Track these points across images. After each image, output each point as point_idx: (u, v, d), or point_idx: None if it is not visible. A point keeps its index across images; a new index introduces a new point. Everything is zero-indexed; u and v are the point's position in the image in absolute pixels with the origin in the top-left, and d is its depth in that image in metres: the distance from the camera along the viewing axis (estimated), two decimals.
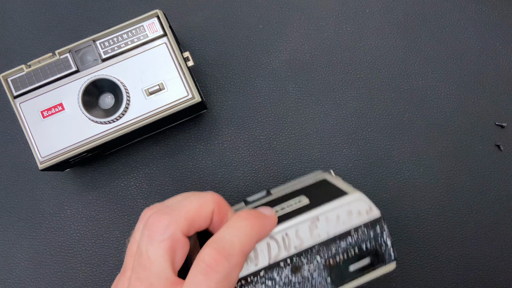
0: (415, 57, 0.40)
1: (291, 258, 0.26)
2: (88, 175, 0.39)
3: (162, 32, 0.34)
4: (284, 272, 0.26)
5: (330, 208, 0.27)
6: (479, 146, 0.38)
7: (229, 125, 0.40)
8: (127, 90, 0.34)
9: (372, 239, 0.28)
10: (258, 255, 0.25)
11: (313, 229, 0.26)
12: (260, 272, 0.25)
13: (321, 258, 0.26)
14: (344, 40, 0.40)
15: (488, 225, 0.37)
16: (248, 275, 0.24)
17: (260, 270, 0.25)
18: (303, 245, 0.26)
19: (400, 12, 0.41)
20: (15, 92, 0.34)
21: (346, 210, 0.27)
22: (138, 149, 0.40)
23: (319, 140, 0.39)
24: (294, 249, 0.26)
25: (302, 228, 0.26)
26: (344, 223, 0.27)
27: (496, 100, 0.39)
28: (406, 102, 0.39)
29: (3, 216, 0.39)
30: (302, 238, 0.26)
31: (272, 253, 0.25)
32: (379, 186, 0.38)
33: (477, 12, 0.40)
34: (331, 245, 0.27)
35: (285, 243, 0.26)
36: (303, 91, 0.40)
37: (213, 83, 0.40)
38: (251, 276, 0.24)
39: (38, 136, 0.34)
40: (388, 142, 0.39)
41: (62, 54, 0.34)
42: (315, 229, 0.26)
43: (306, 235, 0.26)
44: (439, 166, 0.38)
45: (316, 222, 0.26)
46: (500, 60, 0.40)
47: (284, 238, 0.26)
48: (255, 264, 0.25)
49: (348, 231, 0.27)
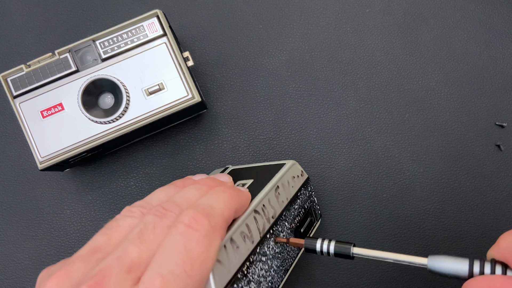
0: (415, 57, 0.40)
1: (272, 228, 0.27)
2: (88, 175, 0.39)
3: (162, 32, 0.34)
4: (270, 244, 0.27)
5: (280, 176, 0.30)
6: (479, 146, 0.38)
7: (229, 125, 0.40)
8: (127, 90, 0.34)
9: (307, 198, 0.33)
10: (251, 230, 0.25)
11: (278, 197, 0.29)
12: (257, 249, 0.26)
13: (288, 223, 0.29)
14: (344, 40, 0.40)
15: (488, 225, 0.37)
16: (249, 255, 0.25)
17: (256, 247, 0.26)
18: (276, 213, 0.28)
19: (400, 12, 0.41)
20: (15, 92, 0.34)
21: (290, 175, 0.31)
22: (138, 149, 0.39)
23: (319, 140, 0.39)
24: (272, 219, 0.28)
25: (271, 197, 0.28)
26: (293, 187, 0.31)
27: (496, 100, 0.39)
28: (406, 102, 0.39)
29: (2, 216, 0.39)
30: (274, 207, 0.28)
31: (259, 226, 0.26)
32: (379, 186, 0.38)
33: (477, 12, 0.40)
34: (290, 210, 0.30)
35: (265, 214, 0.27)
36: (303, 91, 0.40)
37: (213, 83, 0.40)
38: (251, 256, 0.25)
39: (38, 136, 0.34)
40: (388, 142, 0.39)
41: (62, 54, 0.34)
42: (279, 196, 0.29)
43: (275, 203, 0.28)
44: (439, 166, 0.38)
45: (278, 190, 0.29)
46: (500, 60, 0.40)
47: (263, 209, 0.27)
48: (251, 241, 0.25)
49: (296, 193, 0.31)
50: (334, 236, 0.37)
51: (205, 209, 0.22)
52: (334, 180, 0.38)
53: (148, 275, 0.20)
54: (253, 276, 0.25)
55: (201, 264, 0.21)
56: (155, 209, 0.24)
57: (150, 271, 0.20)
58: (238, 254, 0.24)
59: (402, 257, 0.24)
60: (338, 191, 0.38)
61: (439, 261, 0.22)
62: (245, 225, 0.25)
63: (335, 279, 0.37)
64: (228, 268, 0.23)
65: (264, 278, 0.26)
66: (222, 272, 0.22)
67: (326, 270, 0.37)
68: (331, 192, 0.38)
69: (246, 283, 0.24)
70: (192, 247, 0.21)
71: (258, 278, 0.25)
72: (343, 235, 0.37)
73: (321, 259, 0.37)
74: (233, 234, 0.24)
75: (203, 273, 0.21)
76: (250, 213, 0.26)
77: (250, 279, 0.24)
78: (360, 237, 0.37)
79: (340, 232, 0.37)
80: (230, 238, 0.24)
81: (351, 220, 0.38)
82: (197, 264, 0.20)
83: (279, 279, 0.27)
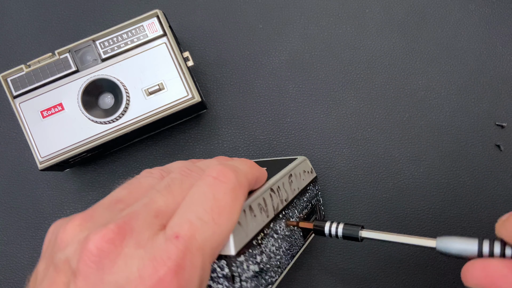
0: (415, 57, 0.40)
1: (284, 210, 0.28)
2: (88, 175, 0.39)
3: (162, 32, 0.34)
4: (282, 225, 0.28)
5: (293, 166, 0.31)
6: (479, 146, 0.38)
7: (229, 125, 0.40)
8: (126, 90, 0.34)
9: (315, 195, 0.34)
10: (267, 204, 0.26)
11: (290, 184, 0.30)
12: (270, 224, 0.26)
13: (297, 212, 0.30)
14: (344, 40, 0.40)
15: (488, 225, 0.37)
16: (264, 227, 0.25)
17: (270, 221, 0.26)
18: (289, 198, 0.29)
19: (400, 12, 0.41)
20: (15, 92, 0.34)
21: (302, 168, 0.32)
22: (138, 149, 0.39)
23: (319, 140, 0.39)
24: (285, 202, 0.28)
25: (285, 182, 0.29)
26: (303, 180, 0.32)
27: (496, 100, 0.39)
28: (406, 102, 0.39)
29: (2, 216, 0.39)
30: (287, 191, 0.29)
31: (274, 204, 0.27)
32: (379, 186, 0.38)
33: (477, 12, 0.40)
34: (300, 200, 0.31)
35: (279, 194, 0.28)
36: (303, 91, 0.40)
37: (213, 83, 0.40)
38: (266, 228, 0.25)
39: (38, 136, 0.34)
40: (388, 142, 0.39)
41: (62, 54, 0.34)
42: (291, 184, 0.30)
43: (288, 189, 0.29)
44: (439, 166, 0.38)
45: (291, 178, 0.30)
46: (500, 60, 0.40)
47: (278, 190, 0.28)
48: (266, 215, 0.26)
49: (306, 187, 0.32)
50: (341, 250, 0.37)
51: (232, 167, 0.23)
52: (334, 180, 0.38)
53: (176, 220, 0.20)
54: (265, 249, 0.25)
55: (228, 214, 0.21)
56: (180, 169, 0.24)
57: (178, 216, 0.20)
58: (255, 222, 0.24)
59: (411, 240, 0.24)
60: (338, 191, 0.38)
61: (448, 242, 0.23)
62: (262, 198, 0.26)
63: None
64: (246, 232, 0.23)
65: (274, 255, 0.26)
66: (241, 234, 0.23)
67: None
68: (331, 192, 0.38)
69: (260, 253, 0.24)
70: (220, 197, 0.21)
71: (269, 253, 0.26)
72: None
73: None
74: (252, 203, 0.25)
75: (229, 225, 0.21)
76: (267, 189, 0.26)
77: (263, 250, 0.25)
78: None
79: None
80: (249, 206, 0.24)
81: (351, 220, 0.38)
82: (224, 214, 0.21)
83: (286, 261, 0.28)
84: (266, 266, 0.25)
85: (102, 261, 0.19)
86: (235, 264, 0.22)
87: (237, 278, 0.22)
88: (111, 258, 0.19)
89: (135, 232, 0.20)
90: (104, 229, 0.19)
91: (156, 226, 0.20)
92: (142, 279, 0.18)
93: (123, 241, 0.19)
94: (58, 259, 0.20)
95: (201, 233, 0.20)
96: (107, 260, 0.19)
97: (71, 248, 0.20)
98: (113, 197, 0.23)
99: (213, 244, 0.20)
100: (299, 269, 0.37)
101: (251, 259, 0.23)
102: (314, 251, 0.37)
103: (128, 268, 0.19)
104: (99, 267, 0.19)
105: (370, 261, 0.37)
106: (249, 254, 0.23)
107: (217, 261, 0.22)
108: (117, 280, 0.18)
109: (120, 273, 0.19)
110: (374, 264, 0.37)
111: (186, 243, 0.19)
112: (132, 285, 0.18)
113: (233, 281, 0.22)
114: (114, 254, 0.19)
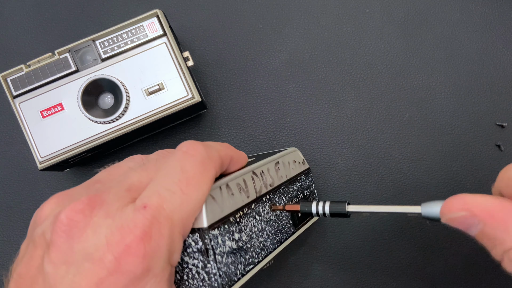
0: (416, 57, 0.40)
1: (269, 195, 0.28)
2: (87, 175, 0.39)
3: (162, 32, 0.34)
4: (266, 208, 0.28)
5: (281, 155, 0.32)
6: (480, 146, 0.38)
7: (229, 125, 0.40)
8: (126, 90, 0.34)
9: (308, 186, 0.34)
10: (247, 186, 0.27)
11: (277, 171, 0.30)
12: (252, 205, 0.27)
13: (285, 199, 0.30)
14: (344, 40, 0.40)
15: None
16: (243, 206, 0.26)
17: (251, 202, 0.27)
18: (274, 184, 0.29)
19: (400, 12, 0.41)
20: (15, 92, 0.34)
21: (292, 158, 0.33)
22: (138, 149, 0.39)
23: (319, 140, 0.39)
24: (270, 187, 0.29)
25: (271, 168, 0.30)
26: (293, 169, 0.32)
27: (497, 100, 0.39)
28: (406, 102, 0.39)
29: (2, 216, 0.39)
30: (273, 177, 0.29)
31: (256, 187, 0.27)
32: (379, 186, 0.38)
33: (477, 12, 0.40)
34: (289, 188, 0.31)
35: (263, 179, 0.28)
36: (303, 91, 0.40)
37: (213, 83, 0.40)
38: (245, 208, 0.26)
39: (38, 136, 0.34)
40: (388, 142, 0.39)
41: (62, 54, 0.34)
42: (278, 171, 0.30)
43: (274, 175, 0.30)
44: (440, 166, 0.38)
45: (278, 165, 0.31)
46: (500, 60, 0.39)
47: (262, 175, 0.28)
48: (247, 196, 0.26)
49: (296, 176, 0.32)
50: (335, 235, 0.37)
51: (203, 142, 0.24)
52: (334, 180, 0.38)
53: (145, 193, 0.21)
54: (245, 228, 0.25)
55: (196, 184, 0.21)
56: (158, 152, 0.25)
57: (148, 190, 0.21)
58: (233, 200, 0.25)
59: (396, 208, 0.25)
60: (338, 191, 0.38)
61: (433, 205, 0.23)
62: (242, 179, 0.26)
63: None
64: (221, 208, 0.24)
65: (257, 236, 0.26)
66: (214, 208, 0.23)
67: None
68: (331, 192, 0.38)
69: (238, 231, 0.25)
70: (188, 169, 0.22)
71: (250, 233, 0.26)
72: (343, 235, 0.37)
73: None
74: (230, 182, 0.25)
75: (198, 196, 0.22)
76: (248, 171, 0.27)
77: (242, 228, 0.25)
78: (361, 237, 0.37)
79: (340, 232, 0.37)
80: (226, 184, 0.25)
81: (351, 219, 0.38)
82: (192, 184, 0.21)
83: (271, 246, 0.28)
84: (246, 245, 0.25)
85: (72, 230, 0.20)
86: (207, 236, 0.22)
87: (210, 251, 0.22)
88: (80, 227, 0.20)
89: (105, 204, 0.20)
90: (76, 201, 0.20)
91: (126, 199, 0.21)
92: (110, 246, 0.19)
93: (92, 211, 0.20)
94: (36, 234, 0.21)
95: (169, 204, 0.20)
96: (76, 229, 0.20)
97: (47, 221, 0.21)
98: (93, 178, 0.24)
99: (183, 215, 0.21)
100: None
101: (227, 235, 0.24)
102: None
103: (96, 236, 0.19)
104: (69, 236, 0.19)
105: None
106: (224, 230, 0.23)
107: (191, 235, 0.22)
108: (86, 248, 0.19)
109: (88, 241, 0.19)
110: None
111: (153, 213, 0.20)
112: (100, 252, 0.19)
113: (207, 254, 0.22)
114: (83, 223, 0.20)
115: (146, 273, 0.19)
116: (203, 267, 0.22)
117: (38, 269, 0.20)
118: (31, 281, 0.20)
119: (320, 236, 0.37)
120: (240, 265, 0.24)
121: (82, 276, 0.19)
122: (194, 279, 0.23)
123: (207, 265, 0.22)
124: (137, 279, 0.19)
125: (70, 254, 0.19)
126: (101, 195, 0.21)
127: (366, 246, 0.37)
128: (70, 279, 0.19)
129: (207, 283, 0.22)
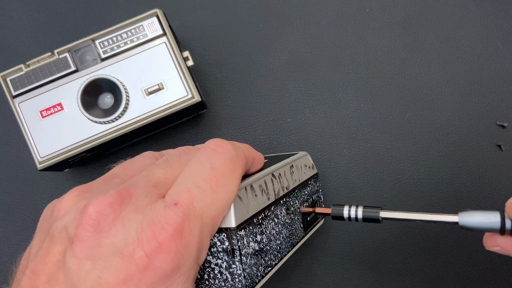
0: (416, 56, 0.40)
1: (285, 198, 0.28)
2: (87, 175, 0.39)
3: (162, 32, 0.34)
4: (282, 211, 0.28)
5: (295, 158, 0.31)
6: (480, 146, 0.38)
7: (229, 125, 0.39)
8: (126, 89, 0.34)
9: (315, 191, 0.34)
10: (268, 187, 0.26)
11: (291, 174, 0.30)
12: (271, 207, 0.26)
13: (298, 203, 0.30)
14: (345, 40, 0.40)
15: None
16: (264, 208, 0.25)
17: (271, 205, 0.26)
18: (290, 187, 0.29)
19: (400, 11, 0.40)
20: (14, 92, 0.34)
21: (303, 162, 0.33)
22: (138, 149, 0.39)
23: (319, 140, 0.39)
24: (286, 189, 0.29)
25: (286, 171, 0.29)
26: (304, 173, 0.32)
27: (497, 100, 0.39)
28: (406, 102, 0.39)
29: (1, 216, 0.39)
30: (288, 180, 0.29)
31: (275, 189, 0.27)
32: (379, 186, 0.38)
33: (478, 11, 0.40)
34: (301, 191, 0.31)
35: (281, 181, 0.28)
36: (303, 91, 0.40)
37: (213, 83, 0.40)
38: (266, 210, 0.26)
39: (37, 136, 0.34)
40: (389, 142, 0.39)
41: (61, 53, 0.34)
42: (293, 174, 0.30)
43: (289, 178, 0.30)
44: (440, 166, 0.38)
45: (292, 169, 0.30)
46: (501, 60, 0.39)
47: (279, 177, 0.28)
48: (267, 198, 0.26)
49: (307, 181, 0.32)
50: (335, 235, 0.37)
51: (232, 142, 0.23)
52: (334, 180, 0.38)
53: (175, 189, 0.20)
54: (265, 230, 0.25)
55: (225, 183, 0.21)
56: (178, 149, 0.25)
57: (177, 185, 0.21)
58: (256, 202, 0.25)
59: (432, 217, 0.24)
60: (338, 191, 0.38)
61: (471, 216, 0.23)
62: (263, 181, 0.26)
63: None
64: (247, 208, 0.23)
65: (275, 239, 0.26)
66: (241, 209, 0.23)
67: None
68: (331, 192, 0.38)
69: (260, 232, 0.24)
70: (218, 167, 0.21)
71: (270, 235, 0.26)
72: (343, 235, 0.37)
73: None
74: (253, 183, 0.25)
75: (228, 194, 0.21)
76: (268, 173, 0.27)
77: (263, 230, 0.25)
78: (361, 237, 0.37)
79: (341, 232, 0.37)
80: (250, 185, 0.24)
81: None
82: (222, 182, 0.21)
83: (286, 248, 0.28)
84: (266, 247, 0.25)
85: (100, 224, 0.19)
86: (235, 237, 0.22)
87: (237, 252, 0.22)
88: (109, 221, 0.19)
89: (134, 198, 0.20)
90: (104, 195, 0.19)
91: (155, 195, 0.20)
92: (141, 241, 0.18)
93: (121, 205, 0.19)
94: (55, 229, 0.20)
95: (199, 201, 0.20)
96: (105, 223, 0.19)
97: (70, 216, 0.20)
98: (108, 174, 0.24)
99: (212, 212, 0.20)
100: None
101: (251, 236, 0.23)
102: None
103: (126, 230, 0.19)
104: (97, 230, 0.19)
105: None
106: (249, 231, 0.23)
107: (218, 235, 0.22)
108: (115, 242, 0.18)
109: (118, 235, 0.19)
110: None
111: (184, 210, 0.19)
112: (130, 247, 0.18)
113: (233, 254, 0.22)
114: (112, 217, 0.19)
115: (175, 271, 0.19)
116: (227, 267, 0.22)
117: (57, 265, 0.19)
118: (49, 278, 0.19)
119: (321, 236, 0.37)
120: (261, 267, 0.24)
121: (110, 272, 0.18)
122: (216, 279, 0.22)
123: (232, 265, 0.22)
124: (166, 277, 0.19)
125: (97, 249, 0.18)
126: (129, 190, 0.20)
127: (367, 247, 0.37)
128: (97, 274, 0.18)
129: (229, 284, 0.22)
